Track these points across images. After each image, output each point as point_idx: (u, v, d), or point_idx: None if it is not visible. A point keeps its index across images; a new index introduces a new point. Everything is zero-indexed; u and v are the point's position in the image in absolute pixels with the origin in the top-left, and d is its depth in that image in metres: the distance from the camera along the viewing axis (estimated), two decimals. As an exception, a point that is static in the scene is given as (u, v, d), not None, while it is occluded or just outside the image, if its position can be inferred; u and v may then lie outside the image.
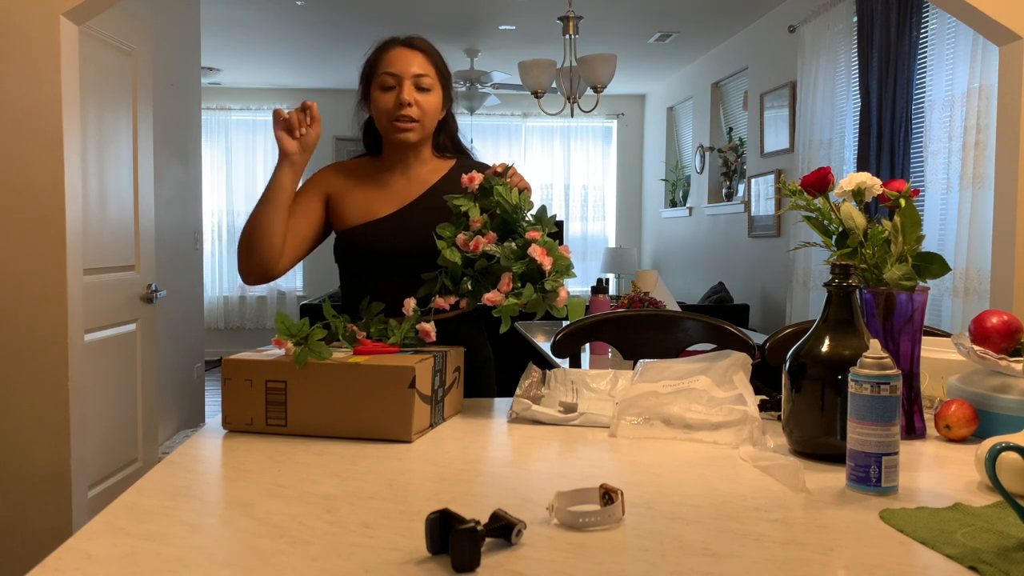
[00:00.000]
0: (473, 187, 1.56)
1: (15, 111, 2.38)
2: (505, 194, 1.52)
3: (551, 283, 1.45)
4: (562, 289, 1.47)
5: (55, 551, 0.85)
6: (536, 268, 1.46)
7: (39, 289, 2.41)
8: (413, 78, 1.73)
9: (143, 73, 3.70)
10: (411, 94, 1.72)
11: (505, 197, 1.52)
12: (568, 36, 4.85)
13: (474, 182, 1.56)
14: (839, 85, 4.58)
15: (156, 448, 3.86)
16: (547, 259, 1.45)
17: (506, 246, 1.48)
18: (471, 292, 1.50)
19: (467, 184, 1.57)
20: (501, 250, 1.48)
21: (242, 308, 8.49)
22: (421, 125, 1.75)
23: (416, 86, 1.74)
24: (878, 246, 1.35)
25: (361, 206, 1.78)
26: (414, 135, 1.75)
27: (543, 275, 1.46)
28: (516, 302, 1.44)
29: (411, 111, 1.73)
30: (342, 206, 1.79)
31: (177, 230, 4.82)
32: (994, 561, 0.82)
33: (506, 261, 1.47)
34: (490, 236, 1.49)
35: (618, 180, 8.80)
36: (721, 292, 5.91)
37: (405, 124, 1.73)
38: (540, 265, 1.45)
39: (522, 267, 1.46)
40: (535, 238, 1.47)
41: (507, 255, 1.47)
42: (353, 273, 1.80)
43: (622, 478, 1.12)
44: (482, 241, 1.49)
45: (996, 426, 1.31)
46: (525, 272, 1.46)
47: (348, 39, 6.36)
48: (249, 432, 1.34)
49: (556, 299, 1.47)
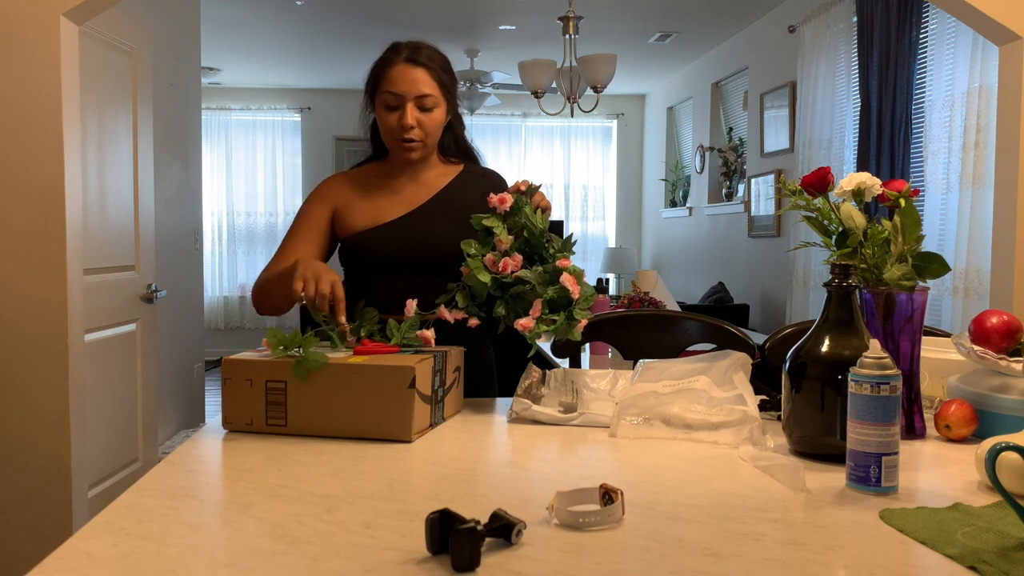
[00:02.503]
0: (504, 208, 1.56)
1: (15, 111, 2.38)
2: (531, 216, 1.54)
3: (580, 312, 1.49)
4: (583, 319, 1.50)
5: (55, 551, 0.85)
6: (566, 296, 1.49)
7: (39, 289, 2.41)
8: (416, 100, 1.73)
9: (143, 73, 3.70)
10: (414, 116, 1.73)
11: (531, 220, 1.54)
12: (568, 36, 4.85)
13: (505, 203, 1.56)
14: (839, 85, 4.58)
15: (156, 448, 3.86)
16: (576, 288, 1.49)
17: (536, 270, 1.51)
18: (504, 316, 1.53)
19: (497, 205, 1.57)
20: (534, 276, 1.51)
21: (242, 308, 8.48)
22: (424, 144, 1.77)
23: (419, 107, 1.74)
24: (878, 246, 1.35)
25: (369, 212, 1.80)
26: (417, 154, 1.78)
27: (571, 303, 1.50)
28: (548, 328, 1.49)
29: (414, 133, 1.74)
30: (350, 215, 1.81)
31: (177, 230, 4.82)
32: (994, 561, 0.82)
33: (541, 288, 1.50)
34: (516, 258, 1.52)
35: (618, 180, 8.80)
36: (721, 292, 5.91)
37: (409, 144, 1.75)
38: (570, 294, 1.49)
39: (553, 294, 1.49)
40: (566, 267, 1.51)
41: (540, 281, 1.50)
42: (360, 277, 1.81)
43: (622, 478, 1.12)
44: (510, 263, 1.51)
45: (996, 426, 1.31)
46: (553, 299, 1.49)
47: (348, 39, 6.36)
48: (249, 432, 1.34)
49: (578, 326, 1.50)
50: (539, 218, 1.56)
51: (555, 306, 1.50)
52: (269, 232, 8.41)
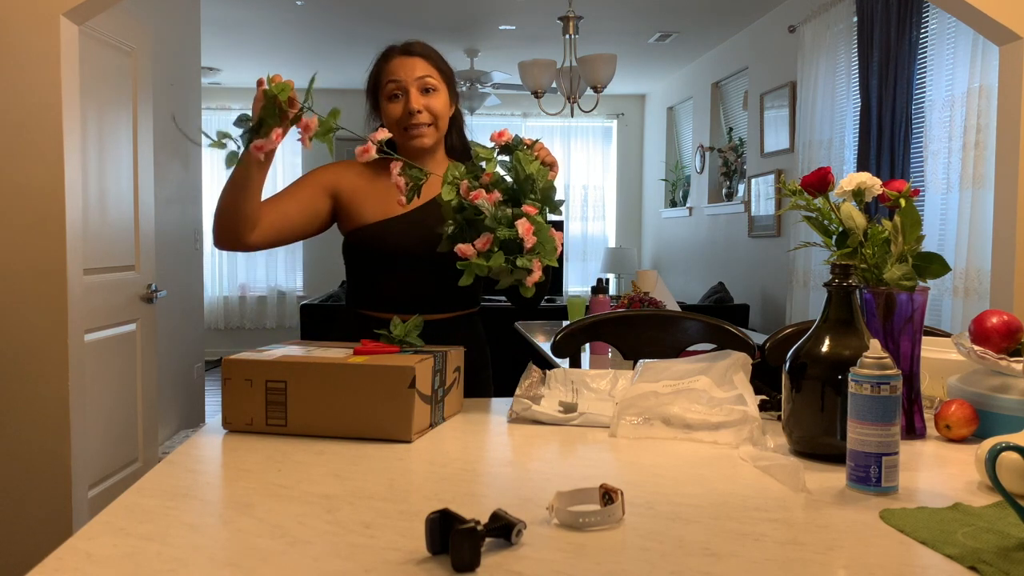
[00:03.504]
0: (500, 141, 1.52)
1: (15, 111, 2.38)
2: (522, 159, 1.49)
3: (524, 260, 1.41)
4: (536, 271, 1.42)
5: (55, 551, 0.85)
6: (518, 242, 1.41)
7: (39, 289, 2.41)
8: (417, 82, 1.74)
9: (143, 73, 3.70)
10: (418, 100, 1.74)
11: (521, 164, 1.49)
12: (568, 36, 4.85)
13: (503, 137, 1.53)
14: (839, 85, 4.58)
15: (156, 448, 3.86)
16: (531, 237, 1.41)
17: (500, 208, 1.44)
18: (449, 237, 1.47)
19: (495, 138, 1.53)
20: (491, 210, 1.43)
21: (242, 308, 8.48)
22: (434, 127, 1.77)
23: (422, 89, 1.74)
24: (878, 246, 1.35)
25: (377, 205, 1.78)
26: (428, 139, 1.77)
27: (522, 251, 1.42)
28: (483, 263, 1.40)
29: (421, 117, 1.74)
30: (356, 204, 1.79)
31: (177, 230, 4.82)
32: (994, 561, 0.82)
33: (491, 222, 1.43)
34: (493, 195, 1.45)
35: (618, 180, 8.80)
36: (721, 292, 5.91)
37: (418, 130, 1.74)
38: (522, 240, 1.41)
39: (505, 234, 1.41)
40: (529, 213, 1.43)
41: (495, 216, 1.43)
42: (365, 271, 1.80)
43: (622, 478, 1.12)
44: (482, 195, 1.44)
45: (996, 426, 1.31)
46: (506, 240, 1.42)
47: (348, 39, 6.36)
48: (249, 432, 1.34)
49: (527, 278, 1.42)
50: (532, 166, 1.49)
51: (507, 248, 1.42)
52: (269, 232, 8.40)
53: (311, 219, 1.77)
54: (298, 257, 8.54)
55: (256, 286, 8.51)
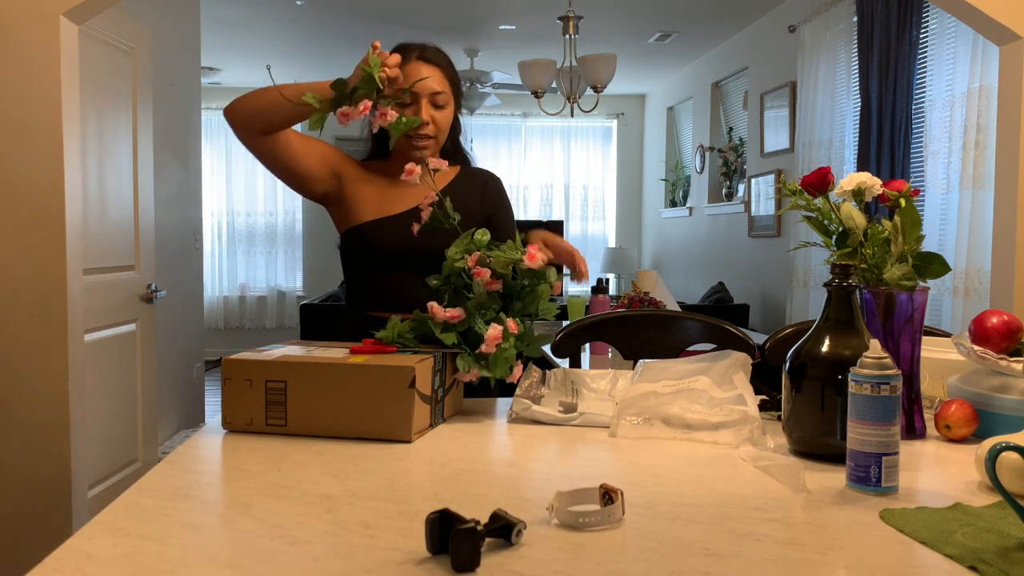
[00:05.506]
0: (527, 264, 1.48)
1: (15, 111, 2.38)
2: (541, 295, 1.48)
3: (464, 361, 1.43)
4: (470, 376, 1.44)
5: (55, 551, 0.85)
6: (481, 340, 1.43)
7: (39, 289, 2.41)
8: (430, 96, 1.74)
9: (143, 73, 3.70)
10: (429, 113, 1.74)
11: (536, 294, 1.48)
12: (568, 36, 4.85)
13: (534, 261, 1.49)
14: (839, 85, 4.58)
15: (156, 448, 3.86)
16: (492, 347, 1.42)
17: (490, 301, 1.45)
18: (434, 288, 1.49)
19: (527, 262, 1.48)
20: (481, 298, 1.45)
21: (242, 308, 8.48)
22: (436, 141, 1.78)
23: (433, 104, 1.74)
24: (878, 246, 1.35)
25: (372, 202, 1.79)
26: (429, 152, 1.78)
27: (475, 351, 1.43)
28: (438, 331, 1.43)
29: (428, 130, 1.75)
30: (354, 198, 1.79)
31: (177, 230, 4.82)
32: (994, 561, 0.82)
33: (472, 307, 1.44)
34: (494, 284, 1.47)
35: (618, 180, 8.80)
36: (721, 292, 5.91)
37: (422, 143, 1.75)
38: (484, 342, 1.42)
39: (475, 326, 1.43)
40: (509, 328, 1.43)
41: (478, 305, 1.45)
42: (362, 270, 1.81)
43: (622, 478, 1.12)
44: (484, 275, 1.45)
45: (996, 426, 1.31)
46: (471, 331, 1.44)
47: (348, 39, 6.35)
48: (249, 432, 1.34)
49: (459, 372, 1.44)
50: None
51: (467, 338, 1.44)
52: (269, 232, 8.41)
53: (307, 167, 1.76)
54: (298, 257, 8.54)
55: (256, 286, 8.51)
